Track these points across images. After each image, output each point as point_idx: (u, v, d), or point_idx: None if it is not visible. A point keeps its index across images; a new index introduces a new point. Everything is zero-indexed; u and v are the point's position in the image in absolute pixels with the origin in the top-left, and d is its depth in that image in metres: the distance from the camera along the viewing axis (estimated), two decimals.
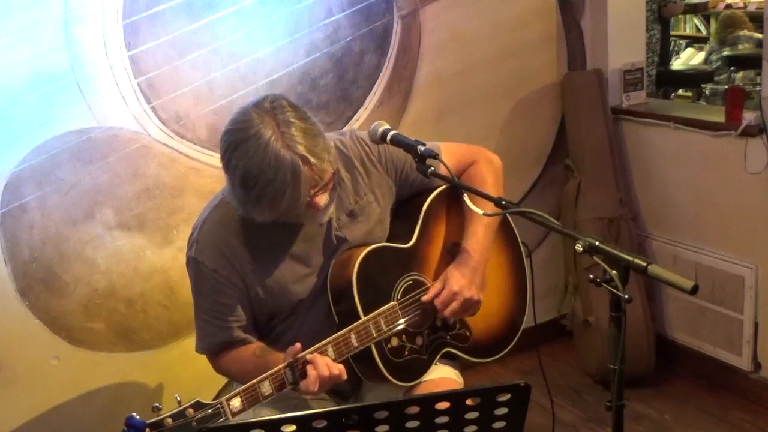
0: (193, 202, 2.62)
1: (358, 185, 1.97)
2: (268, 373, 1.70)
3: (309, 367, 1.72)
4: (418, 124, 3.02)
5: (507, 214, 2.07)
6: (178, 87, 2.54)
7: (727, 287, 3.07)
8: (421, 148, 1.77)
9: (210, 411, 1.61)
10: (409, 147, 1.81)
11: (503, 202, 1.66)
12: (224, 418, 1.63)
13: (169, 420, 1.56)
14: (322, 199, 1.77)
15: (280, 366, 1.71)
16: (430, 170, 1.76)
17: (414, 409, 1.43)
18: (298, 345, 1.74)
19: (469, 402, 1.45)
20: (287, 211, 1.74)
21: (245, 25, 2.62)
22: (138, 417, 1.54)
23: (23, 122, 2.33)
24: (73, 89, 2.38)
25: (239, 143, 1.69)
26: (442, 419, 1.44)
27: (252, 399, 1.68)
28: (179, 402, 1.59)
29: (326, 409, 1.47)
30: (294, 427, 1.40)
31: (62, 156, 2.40)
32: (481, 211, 1.70)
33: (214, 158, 2.63)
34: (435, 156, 1.77)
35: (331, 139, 1.85)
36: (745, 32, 5.86)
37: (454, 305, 1.93)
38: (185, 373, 2.65)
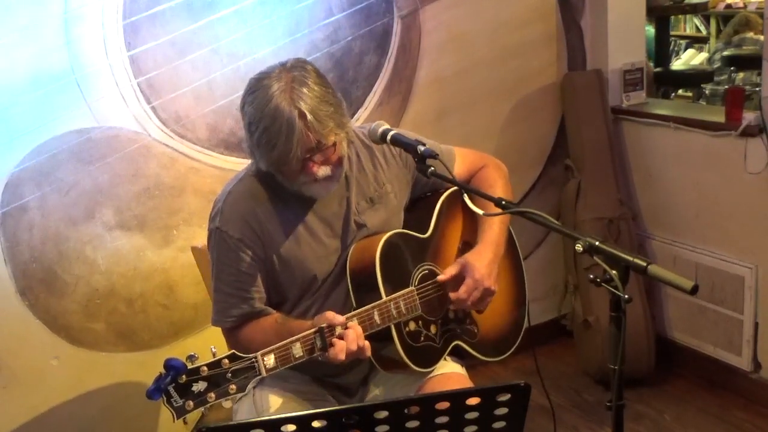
0: (193, 202, 2.62)
1: (379, 174, 2.01)
2: (300, 335, 1.72)
3: (338, 337, 1.74)
4: (418, 124, 3.02)
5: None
6: (178, 87, 2.54)
7: (727, 287, 3.07)
8: (420, 148, 1.79)
9: (245, 363, 1.62)
10: (408, 147, 1.81)
11: (503, 202, 1.67)
12: (258, 372, 1.64)
13: (205, 368, 1.58)
14: (320, 170, 1.81)
15: (311, 330, 1.73)
16: (430, 170, 1.77)
17: (414, 409, 1.43)
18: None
19: (469, 402, 1.45)
20: (278, 162, 1.79)
21: (245, 25, 2.62)
22: (178, 359, 1.57)
23: (23, 122, 2.33)
24: (73, 89, 2.38)
25: (254, 90, 1.81)
26: (442, 419, 1.44)
27: (284, 358, 1.69)
28: (214, 353, 1.62)
29: (326, 409, 1.47)
30: (294, 427, 1.40)
31: (62, 156, 2.40)
32: (480, 211, 1.73)
33: (214, 158, 2.64)
34: (435, 156, 1.78)
35: (355, 130, 1.94)
36: (751, 35, 5.83)
37: (476, 294, 1.96)
38: None
